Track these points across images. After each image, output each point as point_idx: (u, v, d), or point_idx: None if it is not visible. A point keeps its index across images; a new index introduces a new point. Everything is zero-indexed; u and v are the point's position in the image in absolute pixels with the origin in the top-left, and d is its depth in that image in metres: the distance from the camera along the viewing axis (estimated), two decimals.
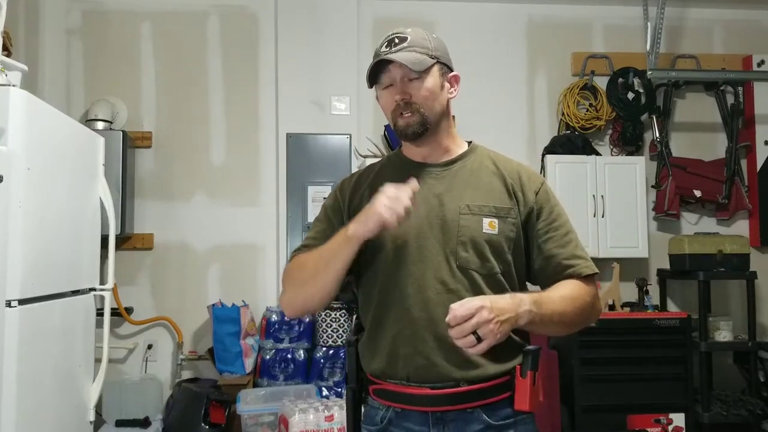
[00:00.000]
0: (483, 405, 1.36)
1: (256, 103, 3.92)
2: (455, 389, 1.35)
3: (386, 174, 1.52)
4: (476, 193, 1.44)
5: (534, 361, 1.34)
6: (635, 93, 4.03)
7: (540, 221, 1.45)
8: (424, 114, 1.43)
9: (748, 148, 4.16)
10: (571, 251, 1.44)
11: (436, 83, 1.45)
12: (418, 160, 1.52)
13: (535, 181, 1.49)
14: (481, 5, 4.09)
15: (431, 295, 1.38)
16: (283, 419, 2.93)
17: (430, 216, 1.42)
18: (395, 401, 1.40)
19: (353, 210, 1.48)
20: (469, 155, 1.52)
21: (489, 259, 1.39)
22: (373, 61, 1.44)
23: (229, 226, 3.84)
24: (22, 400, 2.01)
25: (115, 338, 3.67)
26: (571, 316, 1.38)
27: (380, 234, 1.39)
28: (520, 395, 1.33)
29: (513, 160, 1.54)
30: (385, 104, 1.49)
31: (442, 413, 1.36)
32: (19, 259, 2.00)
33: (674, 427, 3.42)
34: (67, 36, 3.85)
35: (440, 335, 1.33)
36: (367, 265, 1.47)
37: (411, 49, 1.41)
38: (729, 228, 4.13)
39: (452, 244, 1.40)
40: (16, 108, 2.02)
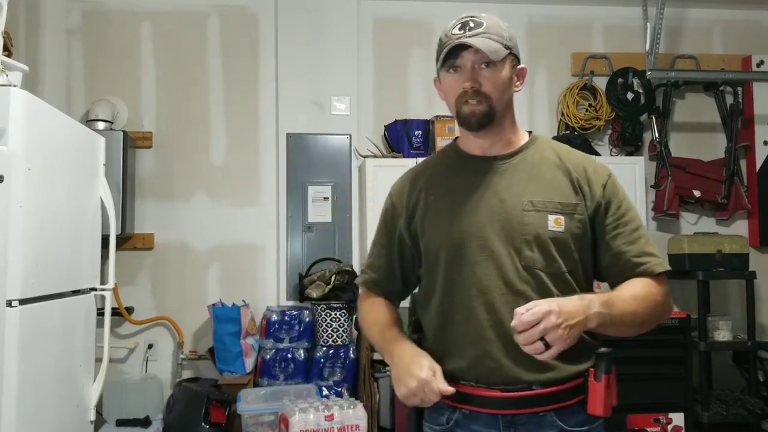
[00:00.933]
0: (556, 409, 1.31)
1: (256, 103, 3.92)
2: (527, 392, 1.31)
3: (443, 169, 1.48)
4: (539, 187, 1.37)
5: (608, 364, 1.28)
6: (635, 93, 4.03)
7: (608, 216, 1.38)
8: (492, 104, 1.36)
9: (747, 148, 4.16)
10: (640, 248, 1.37)
11: (507, 75, 1.38)
12: (476, 153, 1.45)
13: (602, 173, 1.41)
14: (480, 5, 4.08)
15: (496, 296, 1.33)
16: (284, 419, 2.94)
17: (490, 213, 1.36)
18: (463, 403, 1.35)
19: (411, 210, 1.47)
20: (529, 147, 1.44)
21: (555, 258, 1.33)
22: (448, 44, 1.35)
23: (230, 226, 3.84)
24: (22, 399, 2.01)
25: (116, 338, 3.67)
26: (642, 317, 1.32)
27: (439, 233, 1.39)
28: (594, 399, 1.27)
29: (578, 152, 1.47)
30: (450, 89, 1.39)
31: (513, 416, 1.32)
32: (19, 259, 2.00)
33: (673, 426, 3.42)
34: (68, 36, 3.85)
35: (508, 337, 1.28)
36: (427, 264, 1.44)
37: (487, 36, 1.33)
38: (728, 228, 4.14)
39: (516, 243, 1.33)
40: (17, 108, 2.02)
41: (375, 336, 1.49)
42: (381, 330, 1.47)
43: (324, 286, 3.53)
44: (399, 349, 1.36)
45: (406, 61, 4.07)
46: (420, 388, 1.27)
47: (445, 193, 1.43)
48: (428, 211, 1.44)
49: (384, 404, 3.46)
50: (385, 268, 1.53)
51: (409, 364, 1.30)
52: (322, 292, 3.50)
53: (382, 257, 1.53)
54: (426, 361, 1.31)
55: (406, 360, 1.32)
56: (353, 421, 2.91)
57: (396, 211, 1.51)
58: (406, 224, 1.47)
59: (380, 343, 1.45)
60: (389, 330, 1.45)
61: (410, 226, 1.47)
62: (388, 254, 1.52)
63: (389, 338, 1.42)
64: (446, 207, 1.41)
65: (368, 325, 1.53)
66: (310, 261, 3.78)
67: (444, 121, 3.81)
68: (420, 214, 1.45)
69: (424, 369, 1.29)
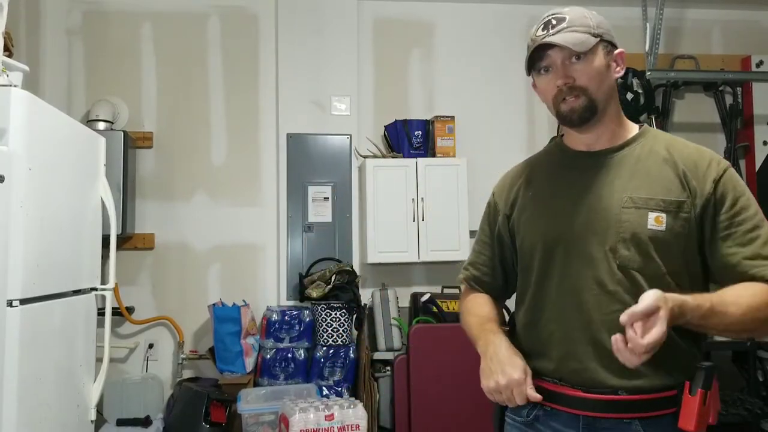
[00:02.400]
0: (643, 417, 1.24)
1: (256, 103, 3.93)
2: (612, 396, 1.25)
3: (545, 166, 1.46)
4: (642, 183, 1.30)
5: (708, 379, 1.18)
6: (634, 93, 4.04)
7: (720, 214, 1.27)
8: (591, 96, 1.30)
9: (746, 149, 4.17)
10: (755, 250, 1.25)
11: (602, 63, 1.31)
12: (580, 149, 1.40)
13: (715, 167, 1.30)
14: (480, 5, 4.10)
15: (588, 297, 1.28)
16: (284, 418, 2.94)
17: (588, 210, 1.31)
18: (545, 399, 1.31)
19: (510, 207, 1.46)
20: (638, 140, 1.36)
21: (654, 259, 1.25)
22: (530, 47, 1.32)
23: (230, 226, 3.85)
24: (23, 399, 2.01)
25: (116, 338, 3.68)
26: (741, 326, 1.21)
27: (534, 230, 1.37)
28: (686, 413, 1.18)
29: (692, 145, 1.37)
30: (545, 91, 1.35)
31: (595, 419, 1.27)
32: (20, 259, 2.01)
33: None
34: (68, 36, 3.86)
35: (596, 339, 1.26)
36: (522, 262, 1.43)
37: (571, 29, 1.29)
38: None
39: (612, 241, 1.27)
40: (18, 108, 2.02)
41: (472, 323, 1.47)
42: (480, 321, 1.45)
43: (324, 286, 3.54)
44: (497, 342, 1.34)
45: (406, 61, 4.07)
46: (509, 387, 1.26)
47: (545, 190, 1.41)
48: (526, 207, 1.43)
49: (384, 404, 3.47)
50: (487, 266, 1.53)
51: (505, 362, 1.29)
52: (323, 292, 3.51)
53: (483, 255, 1.53)
54: (522, 362, 1.30)
55: (503, 356, 1.30)
56: (353, 421, 2.92)
57: (497, 207, 1.50)
58: (505, 221, 1.47)
59: (476, 331, 1.43)
60: (489, 323, 1.44)
61: (509, 223, 1.46)
62: (490, 251, 1.52)
63: (487, 329, 1.40)
64: (544, 204, 1.39)
65: (467, 314, 1.52)
66: (310, 261, 3.78)
67: (444, 121, 3.81)
68: (518, 210, 1.44)
69: (519, 370, 1.27)
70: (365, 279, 3.85)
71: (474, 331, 1.44)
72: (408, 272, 3.90)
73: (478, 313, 1.49)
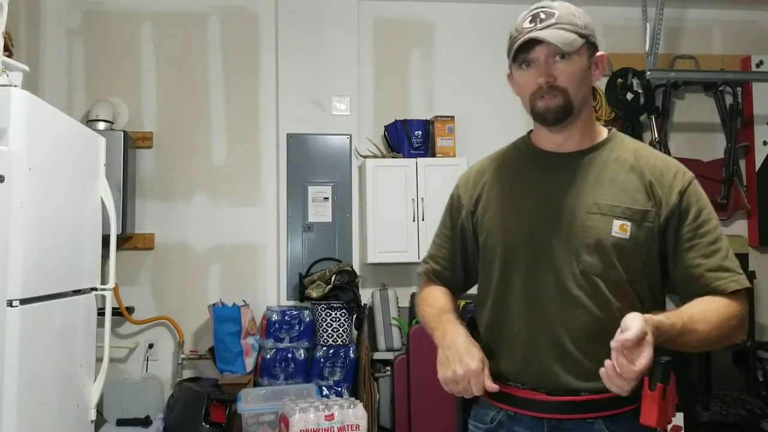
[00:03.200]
0: (605, 416, 1.25)
1: (256, 103, 3.93)
2: (575, 397, 1.26)
3: (512, 163, 1.44)
4: (609, 190, 1.29)
5: (665, 374, 1.17)
6: (634, 93, 4.04)
7: (684, 226, 1.28)
8: (568, 97, 1.28)
9: (746, 149, 4.17)
10: (717, 262, 1.26)
11: (584, 65, 1.30)
12: (549, 148, 1.38)
13: (681, 179, 1.30)
14: (480, 5, 4.09)
15: (550, 300, 1.29)
16: (284, 418, 2.94)
17: (553, 213, 1.30)
18: (508, 404, 1.32)
19: (475, 202, 1.44)
20: (605, 145, 1.36)
21: (616, 266, 1.25)
22: (518, 38, 1.28)
23: (230, 226, 3.85)
24: (23, 399, 2.01)
25: (116, 338, 3.68)
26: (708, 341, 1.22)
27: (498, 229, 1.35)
28: (647, 409, 1.18)
29: (659, 154, 1.36)
30: (524, 86, 1.33)
31: (559, 421, 1.27)
32: (20, 259, 2.01)
33: (673, 426, 3.39)
34: (68, 36, 3.86)
35: (558, 342, 1.26)
36: (484, 260, 1.41)
37: (559, 26, 1.27)
38: (728, 228, 4.14)
39: (576, 246, 1.27)
40: (18, 108, 2.03)
41: (429, 314, 1.44)
42: (438, 312, 1.42)
43: (324, 286, 3.54)
44: (454, 332, 1.32)
45: (406, 61, 4.07)
46: (466, 378, 1.23)
47: (510, 188, 1.39)
48: (490, 204, 1.41)
49: (384, 404, 3.47)
50: (447, 260, 1.50)
51: (462, 352, 1.26)
52: (322, 292, 3.51)
53: (444, 248, 1.50)
54: (479, 352, 1.27)
55: (460, 346, 1.27)
56: (353, 421, 2.92)
57: (460, 202, 1.47)
58: (468, 216, 1.45)
59: (433, 322, 1.40)
60: (446, 314, 1.41)
61: (472, 218, 1.44)
62: (451, 245, 1.49)
63: (444, 320, 1.38)
64: (509, 202, 1.37)
65: (424, 305, 1.49)
66: (310, 261, 3.78)
67: (444, 121, 3.81)
68: (482, 207, 1.42)
69: (476, 360, 1.25)
70: (365, 279, 3.85)
71: (431, 321, 1.42)
72: (408, 272, 3.90)
73: (436, 304, 1.46)
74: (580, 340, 1.26)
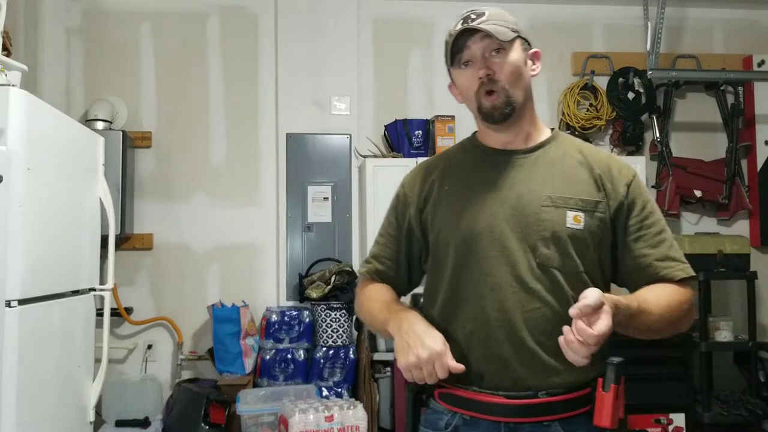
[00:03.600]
0: (561, 419, 1.26)
1: (256, 103, 3.92)
2: (532, 400, 1.26)
3: (461, 161, 1.44)
4: (560, 183, 1.32)
5: (618, 374, 1.21)
6: (635, 93, 4.03)
7: (631, 217, 1.33)
8: (509, 93, 1.31)
9: (748, 148, 4.16)
10: (664, 252, 1.32)
11: (520, 58, 1.34)
12: (497, 146, 1.40)
13: (627, 173, 1.36)
14: (481, 5, 4.08)
15: (508, 295, 1.27)
16: (283, 419, 2.93)
17: (507, 208, 1.31)
18: (464, 408, 1.29)
19: (424, 200, 1.42)
20: (550, 143, 1.39)
21: (572, 257, 1.28)
22: (452, 36, 1.34)
23: (229, 226, 3.84)
24: (22, 400, 2.00)
25: (115, 338, 3.67)
26: (660, 325, 1.27)
27: (450, 225, 1.34)
28: (601, 410, 1.20)
29: (603, 151, 1.43)
30: (466, 85, 1.35)
31: (516, 425, 1.26)
32: (18, 259, 2.00)
33: (674, 427, 3.42)
34: (67, 36, 3.85)
35: (517, 338, 1.26)
36: (435, 258, 1.38)
37: (492, 22, 1.32)
38: (729, 228, 4.13)
39: (532, 239, 1.28)
40: (16, 108, 2.02)
41: (375, 308, 1.40)
42: (386, 303, 1.39)
43: (324, 286, 3.53)
44: (411, 317, 1.28)
45: (406, 61, 4.06)
46: (430, 361, 1.19)
47: (461, 185, 1.39)
48: (441, 201, 1.40)
49: (384, 405, 3.46)
50: (391, 259, 1.48)
51: (423, 335, 1.22)
52: (322, 293, 3.50)
53: (389, 248, 1.48)
54: (439, 334, 1.24)
55: (420, 330, 1.24)
56: (353, 422, 2.91)
57: (407, 200, 1.46)
58: (417, 214, 1.43)
59: (385, 315, 1.35)
60: (396, 304, 1.39)
61: (421, 216, 1.42)
62: (396, 245, 1.47)
63: (395, 309, 1.35)
64: (460, 199, 1.37)
65: (368, 300, 1.45)
66: (310, 261, 3.77)
67: (444, 121, 3.80)
68: (432, 204, 1.41)
69: (439, 342, 1.22)
70: None
71: (381, 314, 1.37)
72: None
73: (381, 298, 1.42)
74: (539, 334, 1.26)
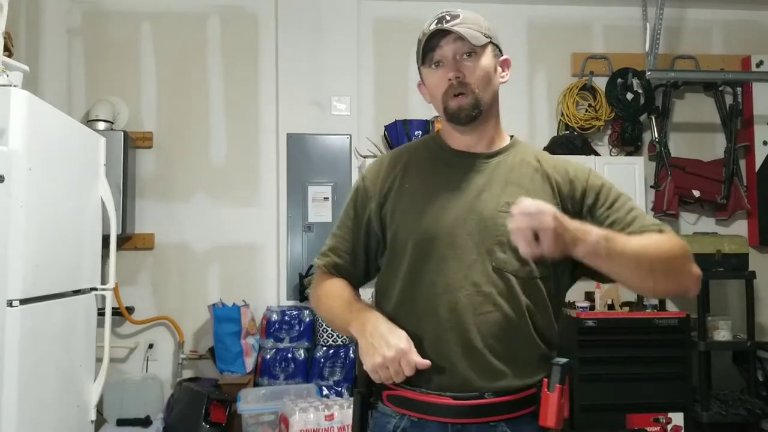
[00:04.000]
0: (507, 419, 1.27)
1: (256, 103, 3.93)
2: (479, 401, 1.26)
3: (423, 160, 1.43)
4: (518, 190, 1.32)
5: (563, 375, 1.23)
6: (634, 93, 4.04)
7: (598, 208, 1.34)
8: (477, 96, 1.32)
9: (746, 149, 4.17)
10: (639, 225, 1.30)
11: (491, 64, 1.35)
12: (460, 148, 1.40)
13: (583, 171, 1.38)
14: (481, 5, 4.05)
15: (461, 296, 1.27)
16: (284, 418, 2.94)
17: (465, 211, 1.32)
18: (412, 410, 1.29)
19: (384, 195, 1.40)
20: (510, 150, 1.41)
21: (527, 262, 1.27)
22: (425, 35, 1.33)
23: (230, 226, 3.85)
24: (23, 399, 2.01)
25: (116, 338, 3.68)
26: (651, 258, 1.22)
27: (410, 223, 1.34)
28: (546, 411, 1.22)
29: (558, 157, 1.44)
30: (435, 85, 1.36)
31: (463, 426, 1.27)
32: (20, 259, 2.01)
33: (673, 426, 3.43)
34: (68, 36, 3.85)
35: (466, 339, 1.26)
36: (391, 254, 1.38)
37: (465, 25, 1.31)
38: (728, 228, 4.14)
39: (489, 244, 1.29)
40: (18, 108, 2.03)
41: (338, 307, 1.39)
42: (347, 302, 1.38)
43: None
44: (373, 318, 1.29)
45: (406, 61, 4.06)
46: (396, 359, 1.21)
47: (422, 184, 1.38)
48: (402, 198, 1.38)
49: None
50: (349, 253, 1.45)
51: (387, 334, 1.23)
52: None
53: (347, 241, 1.45)
54: (403, 332, 1.25)
55: (384, 330, 1.25)
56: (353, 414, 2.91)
57: (368, 194, 1.43)
58: (377, 209, 1.41)
59: (346, 315, 1.34)
60: (357, 302, 1.38)
61: (381, 211, 1.41)
62: (354, 238, 1.45)
63: (357, 308, 1.34)
64: (421, 197, 1.36)
65: (328, 298, 1.43)
66: (311, 261, 3.77)
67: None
68: (392, 200, 1.39)
69: (403, 339, 1.23)
70: None
71: (342, 313, 1.37)
72: None
73: (341, 295, 1.41)
74: (489, 338, 1.27)
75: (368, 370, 1.24)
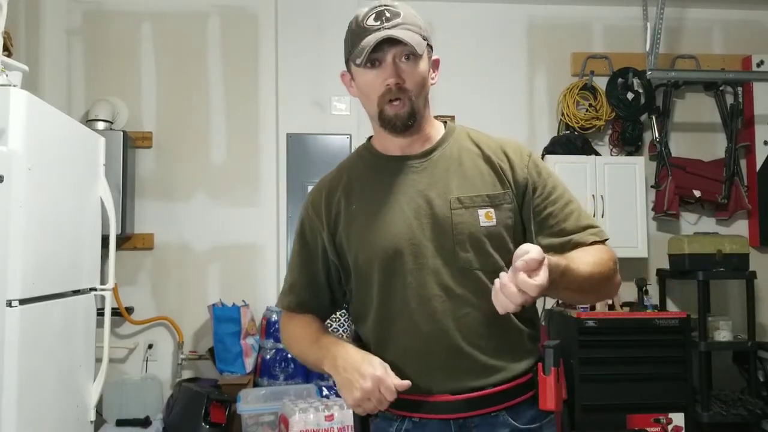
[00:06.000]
0: (507, 407, 1.27)
1: (256, 103, 3.92)
2: (477, 393, 1.25)
3: (361, 174, 1.38)
4: (464, 182, 1.30)
5: (556, 357, 1.23)
6: (635, 93, 4.03)
7: (536, 197, 1.31)
8: (414, 103, 1.27)
9: (747, 149, 4.16)
10: (575, 222, 1.30)
11: (426, 68, 1.29)
12: (394, 153, 1.36)
13: (523, 154, 1.34)
14: (481, 5, 4.09)
15: (437, 305, 1.25)
16: (284, 419, 2.93)
17: (419, 216, 1.28)
18: (412, 411, 1.28)
19: (333, 222, 1.36)
20: (447, 140, 1.36)
21: (491, 254, 1.26)
22: (366, 35, 1.25)
23: (229, 226, 3.84)
24: (22, 399, 2.01)
25: (116, 338, 3.68)
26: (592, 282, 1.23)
27: (368, 244, 1.30)
28: (545, 394, 1.23)
29: (493, 137, 1.39)
30: (371, 86, 1.28)
31: (465, 420, 1.26)
32: (20, 259, 2.01)
33: (674, 426, 3.42)
34: (68, 36, 3.85)
35: (453, 346, 1.25)
36: (359, 278, 1.34)
37: (406, 27, 1.24)
38: (728, 228, 4.14)
39: (449, 246, 1.26)
40: (17, 108, 2.03)
41: (307, 347, 1.35)
42: (314, 339, 1.34)
43: None
44: (343, 352, 1.25)
45: None
46: (375, 388, 1.17)
47: (368, 200, 1.34)
48: (352, 222, 1.34)
49: None
50: (309, 288, 1.42)
51: (359, 365, 1.20)
52: None
53: (304, 276, 1.41)
54: (375, 359, 1.22)
55: (354, 361, 1.22)
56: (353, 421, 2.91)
57: (314, 225, 1.39)
58: (330, 239, 1.37)
59: (316, 353, 1.31)
60: (324, 337, 1.34)
61: (335, 240, 1.36)
62: (311, 271, 1.41)
63: (326, 344, 1.30)
64: (371, 215, 1.32)
65: (297, 340, 1.40)
66: None
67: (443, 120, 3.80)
68: (343, 226, 1.35)
69: (377, 366, 1.20)
70: None
71: (312, 353, 1.34)
72: None
73: (307, 335, 1.38)
74: (475, 338, 1.26)
75: (351, 407, 1.22)
